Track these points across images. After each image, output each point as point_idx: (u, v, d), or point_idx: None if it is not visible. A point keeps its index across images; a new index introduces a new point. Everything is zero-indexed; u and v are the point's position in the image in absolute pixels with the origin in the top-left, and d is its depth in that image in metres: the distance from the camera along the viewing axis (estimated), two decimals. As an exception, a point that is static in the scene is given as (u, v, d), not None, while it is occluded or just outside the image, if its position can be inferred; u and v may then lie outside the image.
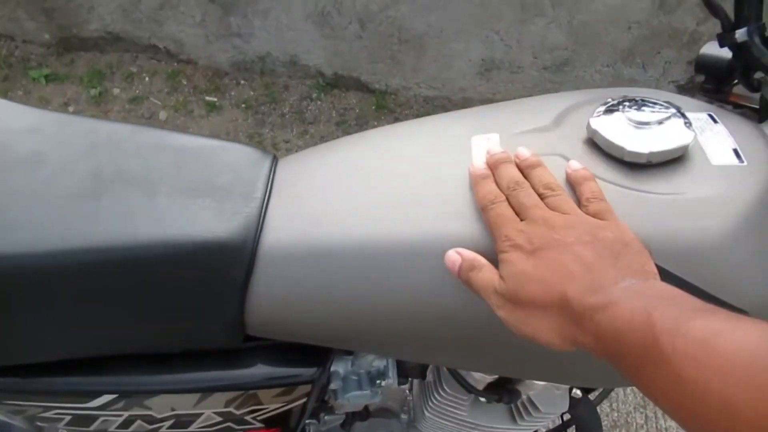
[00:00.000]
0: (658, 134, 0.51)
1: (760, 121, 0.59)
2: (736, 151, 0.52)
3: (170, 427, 0.66)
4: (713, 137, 0.53)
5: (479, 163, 0.52)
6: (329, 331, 0.57)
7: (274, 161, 0.63)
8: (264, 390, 0.63)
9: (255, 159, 0.63)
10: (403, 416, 0.85)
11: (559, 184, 0.48)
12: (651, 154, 0.50)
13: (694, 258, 0.47)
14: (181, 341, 0.60)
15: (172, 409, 0.63)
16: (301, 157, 0.65)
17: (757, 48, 0.57)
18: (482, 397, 0.71)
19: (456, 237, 0.50)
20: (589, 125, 0.53)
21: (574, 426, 0.89)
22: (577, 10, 1.55)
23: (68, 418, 0.64)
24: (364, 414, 0.84)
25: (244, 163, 0.62)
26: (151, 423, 0.65)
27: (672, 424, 1.36)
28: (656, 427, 1.37)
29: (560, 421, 0.91)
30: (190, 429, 0.66)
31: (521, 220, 0.46)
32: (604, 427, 1.36)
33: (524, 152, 0.51)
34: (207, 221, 0.55)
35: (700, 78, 0.66)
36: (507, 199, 0.48)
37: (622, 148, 0.50)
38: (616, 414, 1.39)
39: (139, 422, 0.65)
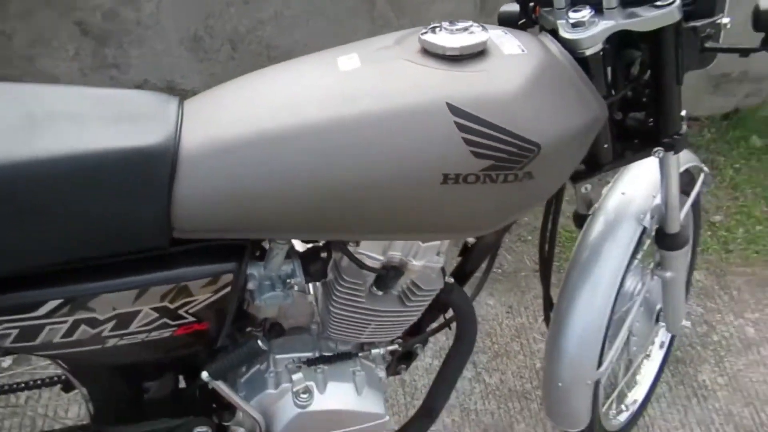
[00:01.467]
0: (466, 38, 0.73)
1: (540, 31, 0.84)
2: (519, 46, 0.75)
3: (112, 330, 0.75)
4: (505, 40, 0.77)
5: None
6: (247, 220, 0.71)
7: (181, 99, 0.78)
8: (194, 281, 0.75)
9: (163, 97, 0.77)
10: (313, 326, 0.99)
11: None
12: (462, 47, 0.72)
13: (500, 107, 0.68)
14: (116, 245, 0.71)
15: (114, 309, 0.73)
16: (205, 93, 0.80)
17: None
18: (374, 285, 0.88)
19: (348, 118, 0.67)
20: (420, 38, 0.74)
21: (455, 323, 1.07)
22: (417, 19, 1.84)
23: (15, 332, 0.71)
24: (279, 330, 0.97)
25: (155, 100, 0.76)
26: (94, 326, 0.73)
27: (541, 346, 1.61)
28: (530, 350, 1.60)
29: (443, 319, 1.09)
30: (130, 329, 0.75)
31: None
32: (487, 359, 1.58)
33: None
34: (130, 136, 0.69)
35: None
36: None
37: (443, 47, 0.72)
38: (496, 346, 1.61)
39: (82, 327, 0.73)
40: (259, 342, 0.83)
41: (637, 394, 1.45)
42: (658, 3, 0.72)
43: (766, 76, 2.32)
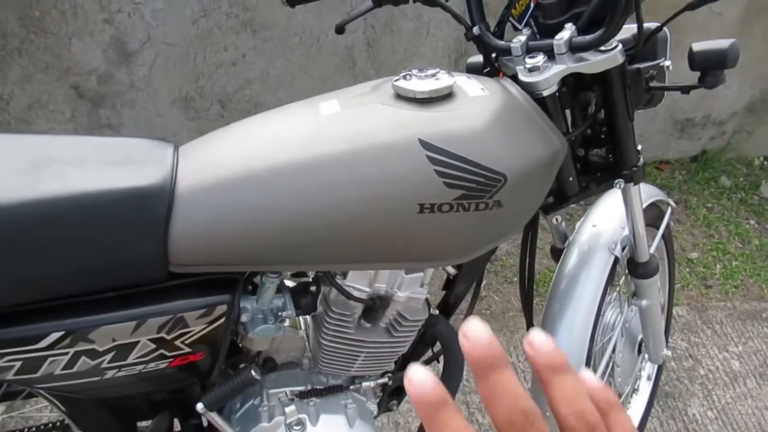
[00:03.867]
0: (434, 82, 0.81)
1: (495, 76, 0.92)
2: (482, 89, 0.83)
3: (111, 361, 0.78)
4: (470, 84, 0.85)
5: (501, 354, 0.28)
6: (239, 253, 0.76)
7: (176, 145, 0.84)
8: (189, 313, 0.79)
9: (159, 143, 0.83)
10: (305, 361, 1.02)
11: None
12: (431, 91, 0.79)
13: (467, 141, 0.75)
14: (116, 279, 0.75)
15: (113, 340, 0.76)
16: (198, 139, 0.87)
17: (486, 36, 0.91)
18: (362, 318, 0.92)
19: (321, 159, 0.74)
20: (393, 84, 0.82)
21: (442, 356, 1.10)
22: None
23: (18, 365, 0.74)
24: (272, 365, 1.00)
25: (151, 146, 0.82)
26: (93, 358, 0.76)
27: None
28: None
29: (431, 352, 1.12)
30: (128, 360, 0.78)
31: None
32: (479, 401, 1.59)
33: (591, 378, 0.30)
34: (129, 177, 0.74)
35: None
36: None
37: (414, 91, 0.79)
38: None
39: (83, 359, 0.76)
40: (253, 372, 0.86)
41: (627, 428, 1.47)
42: (602, 48, 0.81)
43: (727, 120, 2.45)
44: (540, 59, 0.83)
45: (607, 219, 1.14)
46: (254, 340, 0.89)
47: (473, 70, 1.00)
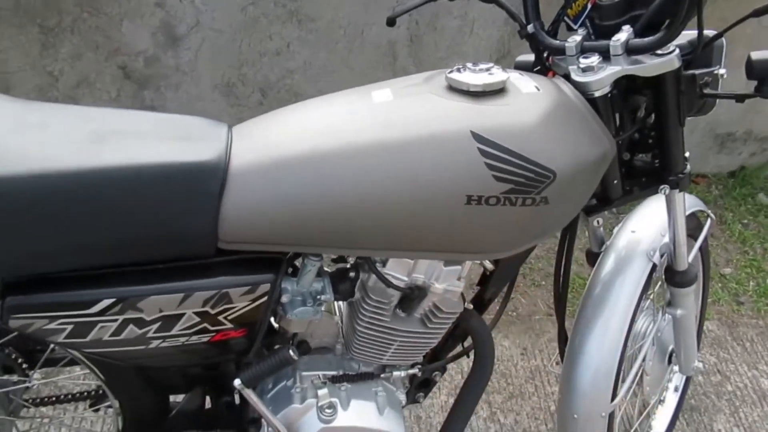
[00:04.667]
0: (488, 77, 0.81)
1: (553, 76, 0.93)
2: (536, 86, 0.83)
3: (156, 331, 0.80)
4: (523, 81, 0.85)
5: None
6: (286, 234, 0.77)
7: (229, 125, 0.86)
8: (234, 289, 0.80)
9: (214, 122, 0.85)
10: (338, 347, 1.03)
11: None
12: (485, 85, 0.80)
13: (519, 136, 0.76)
14: (167, 251, 0.77)
15: (160, 311, 0.78)
16: (252, 120, 0.88)
17: (540, 34, 0.92)
18: (398, 307, 0.93)
19: (371, 145, 0.75)
20: (446, 76, 0.83)
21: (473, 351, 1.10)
22: (437, 72, 1.96)
23: (70, 328, 0.76)
24: (306, 348, 1.01)
25: (207, 125, 0.84)
26: (141, 327, 0.79)
27: (555, 389, 1.62)
28: (544, 392, 1.62)
29: (461, 347, 1.13)
30: (172, 332, 0.81)
31: None
32: (502, 399, 1.59)
33: None
34: (185, 152, 0.76)
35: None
36: None
37: (467, 83, 0.80)
38: (511, 387, 1.63)
39: (130, 327, 0.78)
40: (290, 351, 0.87)
41: (653, 440, 1.46)
42: (659, 52, 0.81)
43: (769, 136, 2.41)
44: (595, 59, 0.83)
45: (647, 225, 1.13)
46: (292, 322, 0.90)
47: (522, 68, 1.00)
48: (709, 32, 0.87)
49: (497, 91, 0.80)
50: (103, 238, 0.73)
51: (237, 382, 0.88)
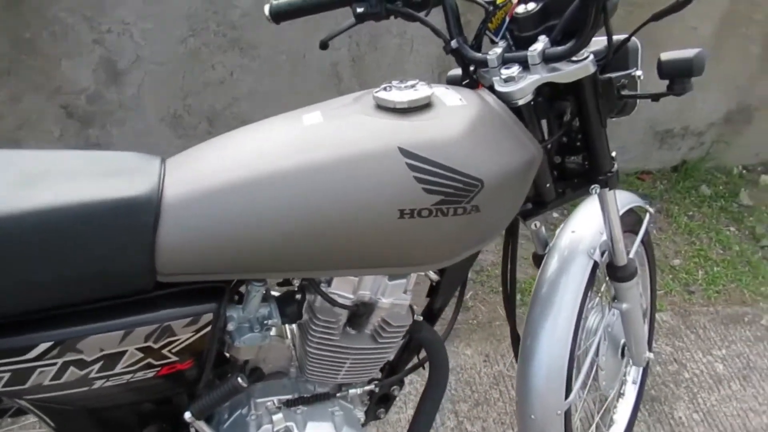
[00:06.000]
0: (413, 93, 0.84)
1: (474, 88, 0.96)
2: (460, 99, 0.86)
3: (99, 371, 0.79)
4: (448, 94, 0.88)
5: None
6: (225, 262, 0.77)
7: (163, 158, 0.86)
8: (176, 321, 0.80)
9: (147, 156, 0.85)
10: (292, 370, 1.03)
11: None
12: (410, 101, 0.82)
13: (445, 148, 0.78)
14: (105, 289, 0.76)
15: (101, 350, 0.77)
16: (185, 152, 0.89)
17: (464, 49, 0.95)
18: (347, 324, 0.94)
19: (303, 167, 0.76)
20: (374, 96, 0.85)
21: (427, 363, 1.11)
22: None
23: (7, 376, 0.75)
24: (259, 375, 1.01)
25: (139, 159, 0.84)
26: (82, 368, 0.77)
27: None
28: (509, 397, 1.64)
29: (416, 359, 1.14)
30: (116, 370, 0.79)
31: None
32: (468, 407, 1.60)
33: None
34: (118, 187, 0.75)
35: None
36: None
37: (394, 101, 0.82)
38: (476, 395, 1.64)
39: (71, 369, 0.77)
40: (239, 379, 0.87)
41: (616, 433, 1.49)
42: (574, 58, 0.84)
43: (705, 131, 2.51)
44: (515, 70, 0.86)
45: (586, 225, 1.16)
46: (241, 349, 0.90)
47: (453, 82, 1.03)
48: (620, 37, 0.91)
49: (423, 107, 0.83)
50: (37, 280, 0.72)
51: (187, 414, 0.87)
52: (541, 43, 0.85)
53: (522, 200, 0.91)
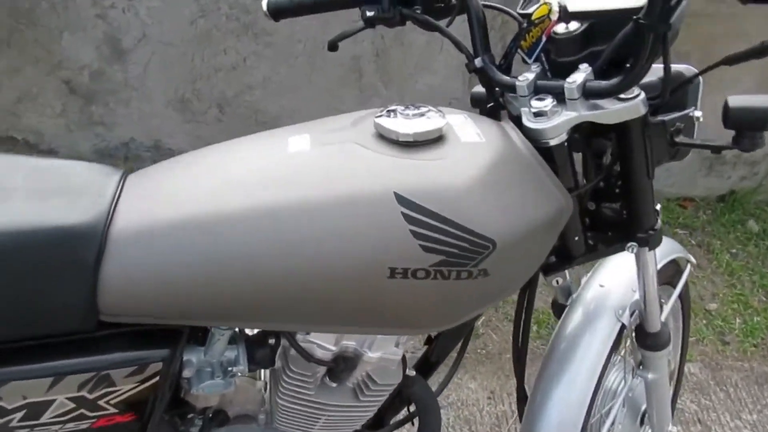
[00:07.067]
0: (422, 123, 0.69)
1: (498, 119, 0.80)
2: (478, 134, 0.71)
3: (21, 420, 0.68)
4: (464, 126, 0.73)
5: None
6: (181, 307, 0.66)
7: (125, 173, 0.74)
8: (116, 370, 0.68)
9: (107, 171, 0.73)
10: (261, 417, 0.91)
11: None
12: (416, 134, 0.68)
13: (452, 198, 0.64)
14: (36, 329, 0.65)
15: (24, 398, 0.66)
16: (149, 169, 0.76)
17: (490, 69, 0.79)
18: (326, 376, 0.81)
19: (288, 203, 0.63)
20: (374, 122, 0.70)
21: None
22: (404, 90, 1.85)
23: None
24: (223, 419, 0.89)
25: (96, 174, 0.72)
26: (1, 415, 0.67)
27: (506, 408, 1.53)
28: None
29: (406, 411, 1.01)
30: (41, 420, 0.68)
31: None
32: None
33: None
34: (58, 213, 0.64)
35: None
36: None
37: (396, 132, 0.68)
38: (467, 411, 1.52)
39: (-12, 414, 0.66)
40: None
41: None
42: (622, 96, 0.69)
43: (760, 160, 2.30)
44: (548, 103, 0.71)
45: (616, 279, 1.01)
46: (199, 396, 0.79)
47: (477, 101, 0.88)
48: (681, 67, 0.75)
49: (431, 141, 0.68)
50: None
51: None
52: (582, 73, 0.70)
53: (542, 260, 0.77)
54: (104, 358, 0.68)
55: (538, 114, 0.71)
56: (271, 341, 0.81)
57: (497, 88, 0.82)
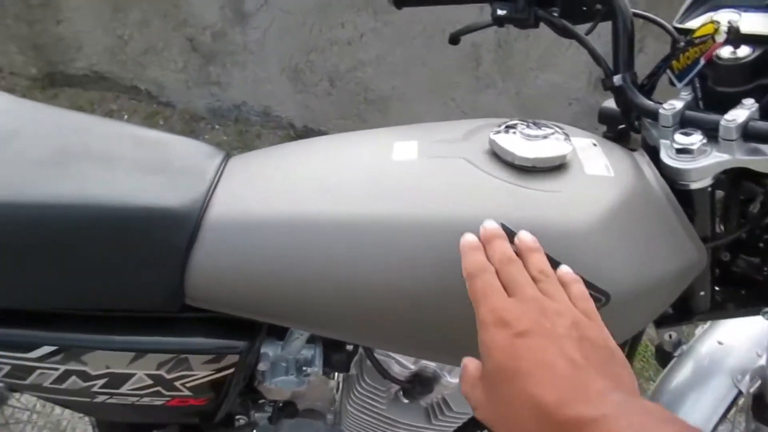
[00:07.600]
0: (544, 146, 0.61)
1: (633, 149, 0.71)
2: (606, 166, 0.63)
3: (102, 387, 0.69)
4: (591, 155, 0.64)
5: (470, 235, 0.51)
6: (264, 304, 0.64)
7: (227, 156, 0.72)
8: (195, 356, 0.68)
9: (209, 151, 0.72)
10: (329, 416, 0.90)
11: (553, 272, 0.48)
12: (536, 159, 0.60)
13: (565, 240, 0.56)
14: (123, 302, 0.66)
15: (107, 367, 0.68)
16: (251, 155, 0.75)
17: (630, 89, 0.69)
18: (401, 391, 0.77)
19: (386, 216, 0.59)
20: (489, 137, 0.64)
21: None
22: (523, 85, 1.73)
23: (7, 368, 0.68)
24: (292, 411, 0.88)
25: (199, 153, 0.71)
26: (85, 380, 0.69)
27: None
28: None
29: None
30: (121, 390, 0.70)
31: (509, 296, 0.45)
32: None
33: (526, 235, 0.51)
34: (156, 192, 0.64)
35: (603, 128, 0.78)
36: (497, 273, 0.47)
37: (513, 154, 0.61)
38: None
39: (73, 378, 0.68)
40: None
41: None
42: None
43: None
44: (696, 139, 0.60)
45: (739, 337, 0.89)
46: (272, 389, 0.78)
47: (606, 118, 0.78)
48: None
49: (551, 169, 0.61)
50: (50, 277, 0.63)
51: None
52: (745, 110, 0.58)
53: (658, 314, 0.68)
54: (185, 341, 0.68)
55: (681, 151, 0.61)
56: (349, 348, 0.78)
57: (633, 112, 0.72)
